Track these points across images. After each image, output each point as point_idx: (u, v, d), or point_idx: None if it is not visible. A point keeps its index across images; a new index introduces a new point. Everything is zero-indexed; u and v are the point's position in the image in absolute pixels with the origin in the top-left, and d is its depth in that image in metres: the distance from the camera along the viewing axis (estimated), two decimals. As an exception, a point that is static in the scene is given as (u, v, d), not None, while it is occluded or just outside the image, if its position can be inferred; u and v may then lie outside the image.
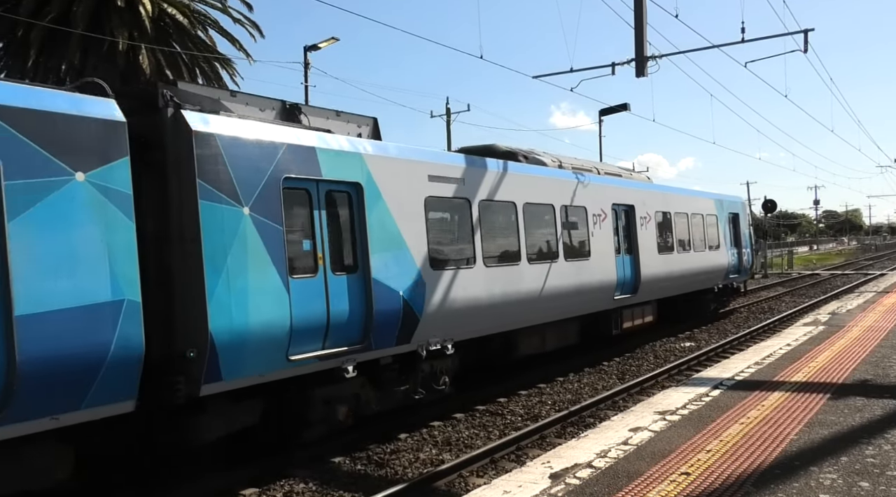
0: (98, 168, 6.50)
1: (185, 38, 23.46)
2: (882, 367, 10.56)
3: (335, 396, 9.08)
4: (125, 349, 6.52)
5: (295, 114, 9.45)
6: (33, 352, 5.86)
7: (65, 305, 6.14)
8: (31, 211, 6.00)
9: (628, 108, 31.81)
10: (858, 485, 5.70)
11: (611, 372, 14.79)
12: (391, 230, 9.59)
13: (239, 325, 7.48)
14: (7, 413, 5.75)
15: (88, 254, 6.35)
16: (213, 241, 7.34)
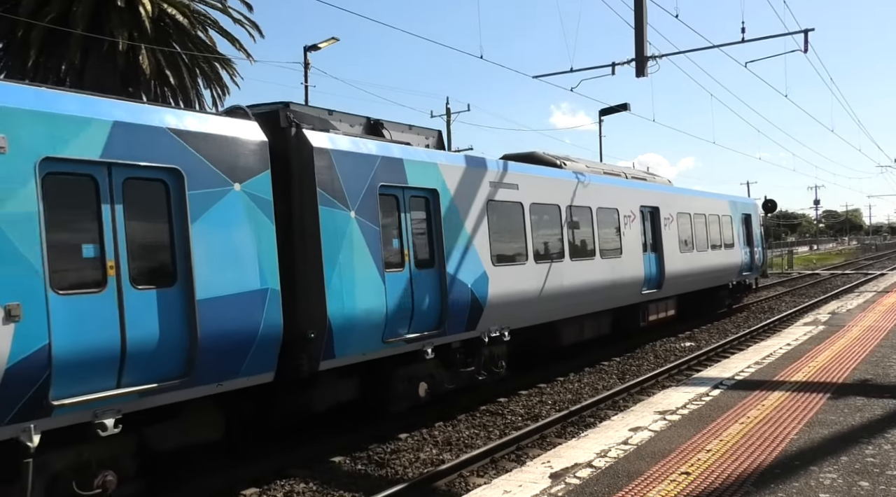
0: (249, 179, 7.90)
1: (184, 38, 23.45)
2: (882, 367, 10.56)
3: (416, 375, 10.43)
4: (270, 328, 7.90)
5: (378, 128, 10.75)
6: (209, 329, 7.20)
7: (230, 292, 7.52)
8: (206, 215, 7.39)
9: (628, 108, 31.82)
10: (858, 484, 5.70)
11: (611, 372, 14.79)
12: (460, 230, 10.98)
13: (349, 310, 8.86)
14: (189, 379, 7.11)
15: (244, 249, 7.76)
16: (329, 240, 8.71)
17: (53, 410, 6.13)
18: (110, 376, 6.55)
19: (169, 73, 22.79)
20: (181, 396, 7.20)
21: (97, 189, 6.60)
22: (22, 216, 5.95)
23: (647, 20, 14.63)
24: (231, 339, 7.48)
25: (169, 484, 8.13)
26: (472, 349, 11.46)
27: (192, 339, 7.09)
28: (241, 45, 25.02)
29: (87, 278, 6.47)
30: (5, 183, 5.89)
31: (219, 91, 25.45)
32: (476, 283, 11.12)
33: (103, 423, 6.49)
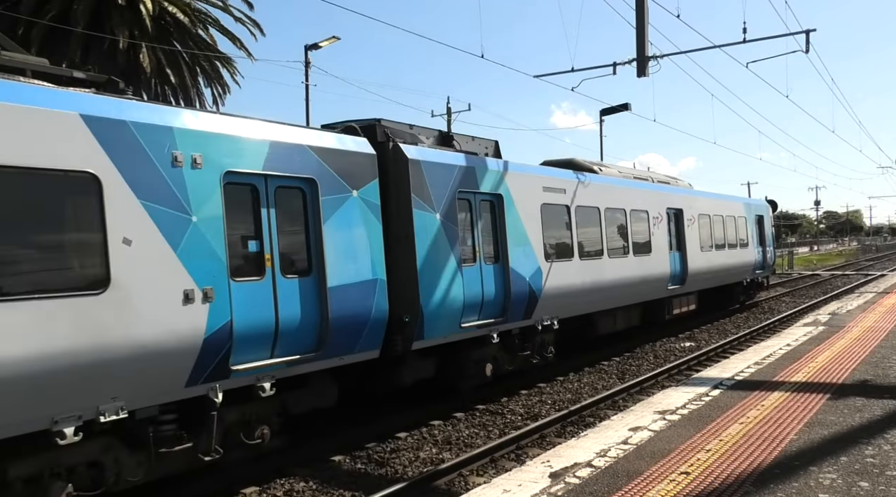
0: (363, 186, 9.40)
1: (185, 36, 23.45)
2: (882, 368, 10.56)
3: (483, 357, 11.81)
4: (379, 312, 9.44)
5: (449, 140, 12.13)
6: (336, 312, 8.70)
7: (351, 281, 9.02)
8: (333, 216, 8.87)
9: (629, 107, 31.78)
10: (858, 485, 5.70)
11: (611, 371, 14.80)
12: (520, 230, 12.43)
13: (436, 299, 10.34)
14: (321, 353, 8.57)
15: (361, 245, 9.26)
16: (420, 238, 10.16)
17: (231, 374, 7.62)
18: (267, 349, 8.05)
19: (169, 72, 22.79)
20: (315, 367, 8.70)
21: (258, 196, 8.13)
22: (213, 218, 7.47)
23: (649, 20, 14.63)
24: (352, 320, 9.01)
25: (170, 483, 8.13)
26: (527, 335, 12.90)
27: (323, 320, 8.63)
28: (242, 44, 25.06)
29: (253, 268, 7.98)
30: (201, 191, 7.38)
31: (219, 89, 25.47)
32: (532, 277, 12.60)
33: (263, 386, 7.99)
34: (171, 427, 7.37)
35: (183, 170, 7.26)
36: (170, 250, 7.08)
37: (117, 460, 6.93)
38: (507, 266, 11.96)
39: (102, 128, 6.64)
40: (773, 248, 28.21)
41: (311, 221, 8.70)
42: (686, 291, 19.51)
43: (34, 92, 6.43)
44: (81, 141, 6.50)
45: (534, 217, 12.86)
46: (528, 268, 12.47)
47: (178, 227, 7.16)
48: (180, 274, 7.13)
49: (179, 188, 7.22)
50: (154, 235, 6.97)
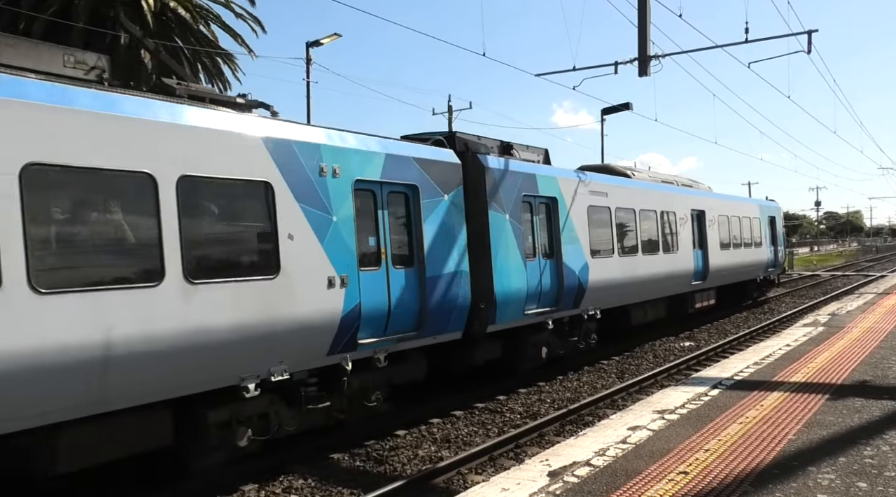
0: (451, 191, 11.04)
1: (186, 32, 23.41)
2: (881, 369, 10.56)
3: (539, 341, 13.39)
4: (464, 299, 11.14)
5: (509, 148, 13.47)
6: (432, 298, 10.40)
7: (443, 272, 10.69)
8: (430, 217, 10.55)
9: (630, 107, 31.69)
10: (856, 485, 5.70)
11: (610, 371, 14.80)
12: (571, 229, 13.98)
13: (506, 288, 11.86)
14: (420, 333, 10.29)
15: (450, 241, 10.85)
16: (494, 236, 11.74)
17: (358, 347, 9.26)
18: (382, 328, 9.70)
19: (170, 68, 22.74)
20: (415, 344, 10.37)
21: (376, 199, 9.77)
22: (347, 217, 9.12)
23: (651, 19, 14.60)
24: (443, 305, 10.67)
25: (168, 480, 8.14)
26: (574, 323, 14.51)
27: (422, 305, 10.27)
28: (243, 41, 25.00)
29: (373, 260, 9.62)
30: (338, 196, 9.05)
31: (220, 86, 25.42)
32: (581, 271, 14.20)
33: (379, 358, 9.68)
34: (314, 389, 8.98)
35: (326, 179, 8.98)
36: (318, 244, 8.77)
37: (278, 413, 8.60)
38: (560, 261, 13.60)
39: (274, 147, 8.34)
40: (783, 247, 29.99)
41: (413, 221, 10.39)
42: (707, 287, 21.13)
43: (234, 121, 8.14)
44: (261, 157, 8.20)
45: (582, 217, 14.49)
46: (577, 263, 14.12)
47: (323, 225, 8.85)
48: (326, 264, 8.82)
49: (324, 193, 8.90)
50: (308, 232, 8.65)
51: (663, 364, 15.08)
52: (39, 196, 6.28)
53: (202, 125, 7.63)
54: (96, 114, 6.76)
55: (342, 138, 9.43)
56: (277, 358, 8.18)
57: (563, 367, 14.54)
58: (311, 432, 9.89)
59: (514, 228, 12.30)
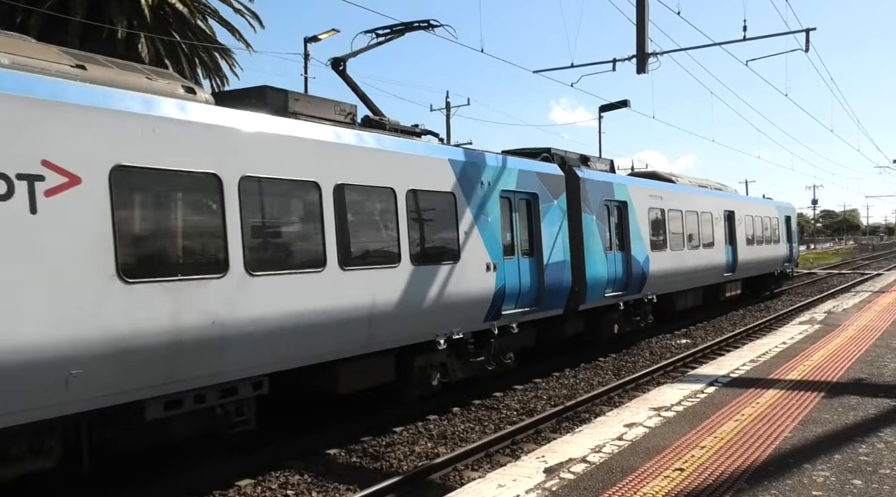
0: (557, 197, 13.88)
1: (184, 27, 23.32)
2: (877, 367, 10.59)
3: (612, 319, 16.31)
4: (567, 283, 13.94)
5: (587, 160, 16.24)
6: (547, 281, 13.21)
7: (554, 261, 13.51)
8: (545, 217, 13.36)
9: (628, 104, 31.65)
10: (851, 482, 5.72)
11: (606, 368, 14.82)
12: (637, 227, 16.93)
13: (594, 275, 14.76)
14: (538, 308, 13.04)
15: (558, 237, 13.67)
16: (586, 233, 14.59)
17: (501, 317, 12.10)
18: (514, 303, 12.41)
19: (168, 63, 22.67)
20: (534, 317, 13.20)
21: (510, 204, 12.59)
22: (495, 218, 12.02)
23: (649, 16, 14.60)
24: (554, 287, 13.48)
25: (164, 475, 8.14)
26: (637, 305, 17.27)
27: (541, 286, 13.11)
28: (241, 36, 24.93)
29: (509, 251, 12.40)
30: (491, 202, 11.93)
31: (218, 81, 25.35)
32: (643, 263, 16.99)
33: (513, 326, 12.44)
34: (472, 347, 11.71)
35: (484, 189, 11.81)
36: (480, 239, 11.63)
37: (452, 363, 11.39)
38: (629, 254, 16.41)
39: (455, 165, 11.25)
40: (797, 244, 33.29)
41: (534, 221, 13.14)
42: (735, 278, 24.06)
43: (435, 149, 11.37)
44: (448, 174, 11.09)
45: (644, 218, 17.39)
46: (641, 255, 16.92)
47: (483, 224, 11.66)
48: (484, 253, 11.66)
49: (483, 200, 11.69)
50: (474, 229, 11.48)
51: (660, 361, 15.11)
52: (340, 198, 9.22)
53: (423, 154, 10.83)
54: (371, 149, 9.83)
55: (494, 159, 12.41)
56: (455, 322, 11.08)
57: (560, 363, 14.57)
58: (308, 427, 9.91)
59: (599, 227, 15.22)
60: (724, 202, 23.40)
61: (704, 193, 22.20)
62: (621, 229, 16.39)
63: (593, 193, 15.07)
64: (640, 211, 17.08)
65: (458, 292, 10.93)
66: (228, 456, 8.71)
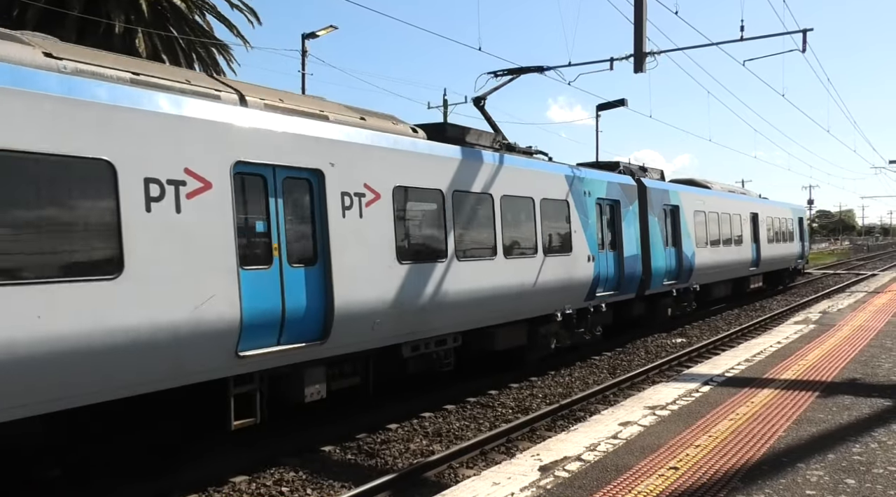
0: (633, 203, 17.22)
1: (182, 22, 23.25)
2: (871, 367, 10.63)
3: (666, 304, 19.80)
4: (639, 272, 17.12)
5: (644, 171, 19.59)
6: (626, 270, 16.42)
7: (630, 254, 16.64)
8: (624, 219, 16.58)
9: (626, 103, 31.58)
10: (845, 482, 5.74)
11: (602, 366, 14.85)
12: (686, 227, 20.29)
13: (657, 266, 17.98)
14: (618, 292, 16.37)
15: (633, 235, 16.91)
16: (651, 232, 17.83)
17: (595, 298, 15.15)
18: (604, 287, 15.58)
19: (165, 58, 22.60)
20: (615, 299, 16.22)
21: (601, 208, 15.76)
22: (593, 221, 15.13)
23: (647, 16, 14.57)
24: (630, 275, 16.65)
25: (160, 471, 8.14)
26: (684, 293, 20.72)
27: (620, 273, 16.22)
28: (239, 31, 24.86)
29: (601, 246, 15.44)
30: (590, 208, 15.08)
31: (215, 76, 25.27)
32: (691, 257, 20.32)
33: (602, 305, 15.57)
34: (574, 321, 14.64)
35: (586, 197, 14.94)
36: (584, 235, 14.71)
37: (561, 333, 14.45)
38: (681, 249, 19.71)
39: (568, 179, 14.46)
40: (808, 242, 37.78)
41: (617, 222, 16.41)
42: (758, 272, 27.62)
43: (556, 167, 14.62)
44: (564, 186, 14.33)
45: (691, 219, 20.72)
46: (689, 251, 20.24)
47: (585, 224, 14.80)
48: (587, 247, 14.76)
49: (585, 205, 14.88)
50: (580, 229, 14.62)
51: (655, 360, 15.13)
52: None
53: (550, 171, 14.10)
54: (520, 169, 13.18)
55: (592, 173, 15.90)
56: (568, 300, 14.16)
57: (556, 362, 14.60)
58: (304, 424, 9.92)
59: (659, 227, 18.56)
60: (750, 205, 26.96)
61: (734, 198, 25.87)
62: (675, 229, 19.73)
63: (655, 199, 18.48)
64: (688, 213, 20.53)
65: (571, 277, 14.21)
66: (224, 452, 8.70)
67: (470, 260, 11.38)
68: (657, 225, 18.36)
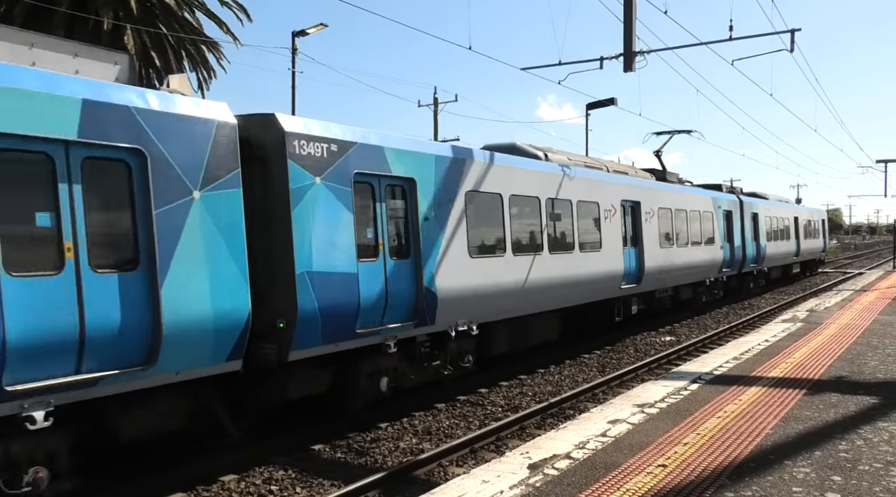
0: (738, 212, 26.53)
1: (171, 19, 23.13)
2: (857, 364, 10.72)
3: (750, 279, 28.86)
4: (739, 257, 26.50)
5: (732, 188, 28.38)
6: (736, 256, 25.89)
7: (737, 245, 26.00)
8: (735, 223, 25.78)
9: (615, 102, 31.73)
10: (831, 479, 5.79)
11: (591, 364, 14.89)
12: (762, 228, 28.74)
13: (749, 254, 27.33)
14: (730, 269, 25.76)
15: (738, 231, 26.22)
16: (745, 231, 26.93)
17: (720, 272, 24.52)
18: (727, 266, 24.72)
19: (154, 55, 22.47)
20: (729, 275, 25.69)
21: (725, 215, 24.69)
22: (721, 224, 24.39)
23: (637, 15, 14.63)
24: (738, 258, 26.03)
25: (147, 470, 8.10)
26: (759, 274, 29.49)
27: (733, 257, 25.14)
28: (229, 29, 24.72)
29: (727, 239, 24.66)
30: (718, 215, 24.18)
31: (205, 74, 25.16)
32: (764, 248, 28.89)
33: (723, 278, 25.26)
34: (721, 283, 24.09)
35: (718, 210, 23.31)
36: (718, 232, 23.55)
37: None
38: (759, 243, 28.32)
39: (712, 199, 23.41)
40: (827, 239, 47.56)
41: (733, 224, 24.87)
42: (798, 261, 37.14)
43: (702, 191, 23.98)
44: (711, 204, 23.38)
45: (763, 222, 29.00)
46: (763, 244, 28.86)
47: (717, 225, 23.17)
48: (719, 238, 23.54)
49: (719, 214, 23.44)
50: (717, 227, 23.43)
51: (644, 358, 15.20)
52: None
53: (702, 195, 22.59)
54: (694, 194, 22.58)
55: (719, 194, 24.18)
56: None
57: (546, 359, 14.63)
58: (293, 423, 9.89)
59: (749, 228, 27.10)
60: (793, 211, 36.44)
61: (784, 206, 34.93)
62: (755, 229, 28.11)
63: (747, 209, 27.19)
64: (762, 218, 29.21)
65: (714, 257, 22.97)
66: (213, 451, 8.67)
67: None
68: (749, 226, 27.18)
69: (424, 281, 10.49)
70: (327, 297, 8.83)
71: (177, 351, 7.15)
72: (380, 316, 9.83)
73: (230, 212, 7.73)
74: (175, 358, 7.18)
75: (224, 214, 7.67)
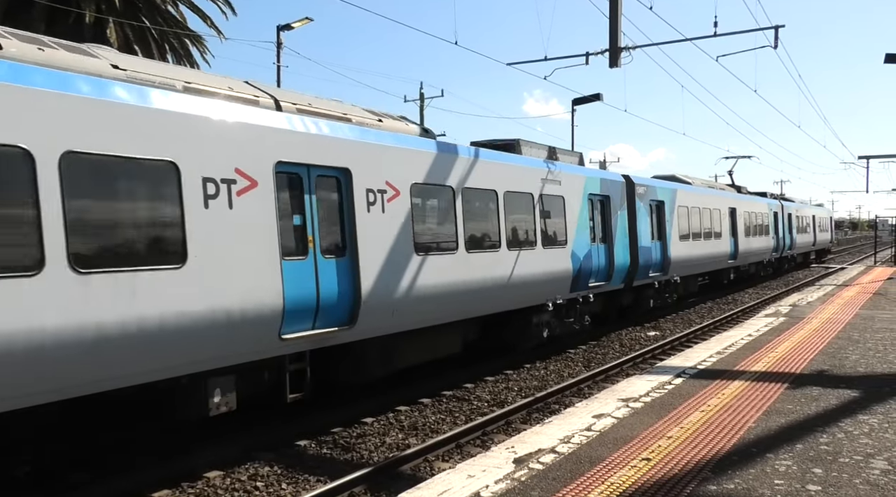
0: (782, 213, 37.00)
1: (154, 12, 22.92)
2: (838, 358, 10.84)
3: (770, 266, 35.47)
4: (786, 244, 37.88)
5: (764, 194, 36.04)
6: (779, 244, 36.15)
7: (782, 235, 36.47)
8: (779, 221, 36.13)
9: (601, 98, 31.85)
10: (812, 471, 5.86)
11: (577, 359, 14.96)
12: (794, 223, 39.44)
13: (787, 244, 39.15)
14: (776, 253, 35.90)
15: (781, 227, 36.91)
16: (785, 227, 37.81)
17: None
18: (776, 251, 35.57)
19: (137, 49, 22.26)
20: (771, 258, 34.88)
21: (773, 215, 34.56)
22: (771, 224, 34.18)
23: (622, 11, 14.67)
24: (782, 245, 36.67)
25: (133, 466, 8.05)
26: (792, 258, 39.94)
27: (780, 245, 35.72)
28: (213, 23, 24.55)
29: (764, 233, 32.91)
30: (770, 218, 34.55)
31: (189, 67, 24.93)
32: (793, 239, 38.66)
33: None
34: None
35: (770, 212, 33.36)
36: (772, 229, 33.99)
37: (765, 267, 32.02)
38: (792, 235, 38.33)
39: (767, 204, 33.05)
40: (833, 233, 58.51)
41: (780, 222, 35.67)
42: (814, 249, 46.44)
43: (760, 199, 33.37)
44: (767, 208, 33.31)
45: (794, 219, 38.71)
46: (794, 235, 38.59)
47: (770, 223, 33.65)
48: (772, 234, 34.11)
49: (769, 216, 33.40)
50: (771, 226, 33.95)
51: (629, 353, 15.29)
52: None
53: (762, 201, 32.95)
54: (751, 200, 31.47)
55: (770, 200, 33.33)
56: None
57: (531, 355, 14.69)
58: (278, 418, 9.86)
59: (786, 224, 36.28)
60: (811, 210, 46.10)
61: (806, 207, 45.08)
62: (789, 225, 37.22)
63: (786, 210, 36.33)
64: (794, 217, 38.47)
65: (768, 245, 32.17)
66: (197, 447, 8.63)
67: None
68: (787, 224, 36.37)
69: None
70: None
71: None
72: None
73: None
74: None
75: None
